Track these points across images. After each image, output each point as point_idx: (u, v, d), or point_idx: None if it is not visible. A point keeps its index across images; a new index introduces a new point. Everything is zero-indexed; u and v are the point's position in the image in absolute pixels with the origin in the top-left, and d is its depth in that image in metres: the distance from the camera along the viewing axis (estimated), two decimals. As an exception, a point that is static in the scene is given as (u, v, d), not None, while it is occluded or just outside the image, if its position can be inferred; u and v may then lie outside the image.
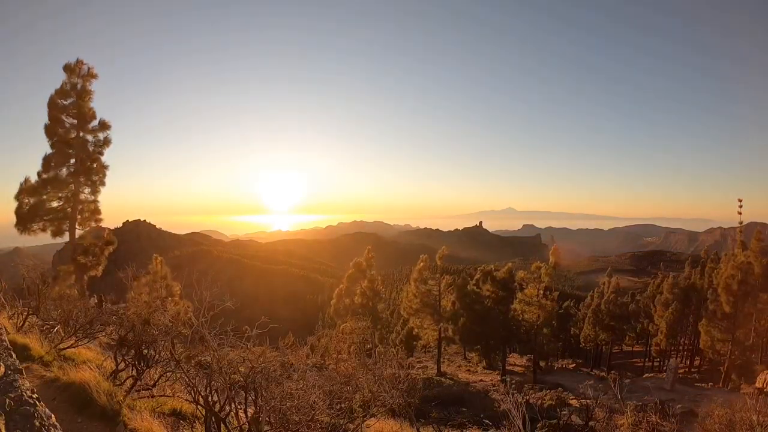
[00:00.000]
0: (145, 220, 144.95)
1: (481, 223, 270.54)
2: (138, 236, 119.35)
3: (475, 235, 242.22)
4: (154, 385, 5.36)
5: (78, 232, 16.84)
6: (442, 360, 30.59)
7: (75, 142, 16.28)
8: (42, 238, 16.81)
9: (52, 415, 2.20)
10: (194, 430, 4.43)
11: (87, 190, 16.76)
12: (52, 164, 16.02)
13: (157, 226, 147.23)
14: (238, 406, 4.05)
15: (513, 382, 22.77)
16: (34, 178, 15.90)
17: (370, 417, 5.39)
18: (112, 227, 22.18)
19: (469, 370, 31.17)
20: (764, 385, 17.39)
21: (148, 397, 5.11)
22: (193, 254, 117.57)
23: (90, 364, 5.56)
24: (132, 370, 5.42)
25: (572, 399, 18.41)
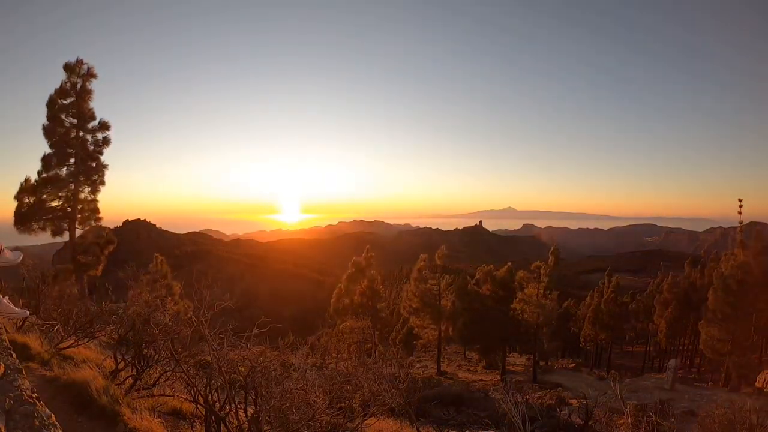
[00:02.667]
0: (145, 220, 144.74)
1: (481, 222, 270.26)
2: (138, 235, 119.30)
3: (475, 234, 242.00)
4: (154, 385, 5.36)
5: (78, 231, 16.85)
6: (441, 359, 30.62)
7: (75, 142, 16.28)
8: (42, 238, 16.82)
9: (52, 415, 2.20)
10: (194, 429, 4.43)
11: (87, 189, 16.79)
12: (52, 164, 16.03)
13: (157, 226, 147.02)
14: (238, 406, 4.05)
15: (513, 381, 22.77)
16: (34, 178, 15.91)
17: (370, 416, 5.40)
18: (112, 226, 22.17)
19: (469, 370, 31.21)
20: (764, 385, 17.40)
21: (147, 396, 5.11)
22: (193, 253, 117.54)
23: (90, 364, 5.56)
24: (132, 369, 5.42)
25: (572, 399, 18.41)
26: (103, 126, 16.88)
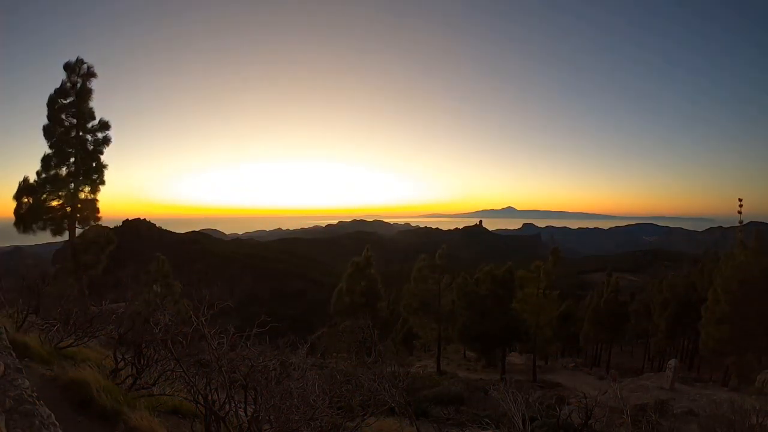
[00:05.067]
0: (145, 219, 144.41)
1: (481, 222, 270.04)
2: (138, 235, 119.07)
3: (475, 234, 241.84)
4: (153, 384, 5.37)
5: (78, 231, 16.86)
6: (441, 358, 30.61)
7: (74, 142, 16.30)
8: (42, 237, 16.84)
9: (52, 414, 2.20)
10: (194, 428, 4.43)
11: (86, 189, 16.80)
12: (52, 164, 16.05)
13: (157, 225, 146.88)
14: (238, 405, 4.05)
15: (513, 380, 22.77)
16: (33, 178, 15.92)
17: (370, 416, 5.40)
18: (111, 226, 22.19)
19: (468, 369, 31.21)
20: (764, 386, 17.39)
21: (147, 395, 5.12)
22: (193, 253, 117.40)
23: (90, 363, 5.57)
24: (132, 368, 5.43)
25: (572, 398, 18.41)
26: (103, 125, 16.90)
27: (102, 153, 16.93)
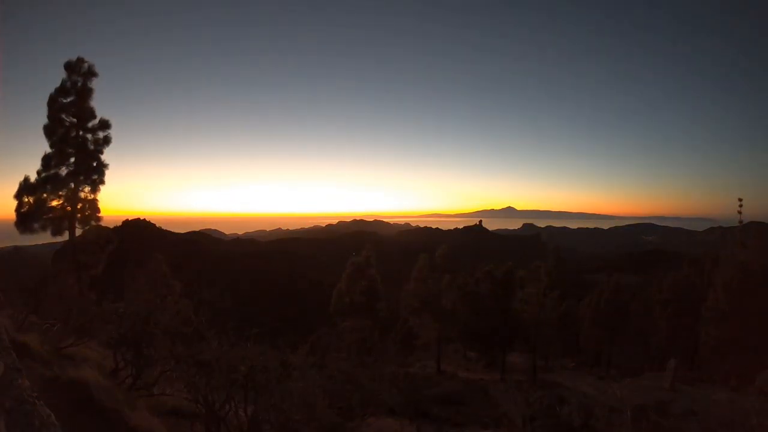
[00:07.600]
0: (145, 219, 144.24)
1: (481, 222, 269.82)
2: (138, 235, 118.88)
3: (475, 234, 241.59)
4: (154, 384, 5.37)
5: (78, 231, 16.85)
6: (441, 358, 30.61)
7: (75, 141, 16.28)
8: (42, 237, 16.81)
9: (52, 414, 2.20)
10: (194, 428, 4.43)
11: (87, 188, 16.79)
12: (52, 163, 16.03)
13: (157, 225, 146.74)
14: (238, 405, 4.05)
15: (512, 380, 22.81)
16: (33, 177, 15.91)
17: (370, 416, 5.40)
18: (111, 226, 22.17)
19: (468, 369, 31.20)
20: (764, 386, 17.40)
21: (147, 395, 5.12)
22: (193, 253, 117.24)
23: (90, 363, 5.57)
24: (131, 368, 5.43)
25: (572, 398, 18.42)
26: (104, 125, 16.89)
27: (102, 152, 16.92)
